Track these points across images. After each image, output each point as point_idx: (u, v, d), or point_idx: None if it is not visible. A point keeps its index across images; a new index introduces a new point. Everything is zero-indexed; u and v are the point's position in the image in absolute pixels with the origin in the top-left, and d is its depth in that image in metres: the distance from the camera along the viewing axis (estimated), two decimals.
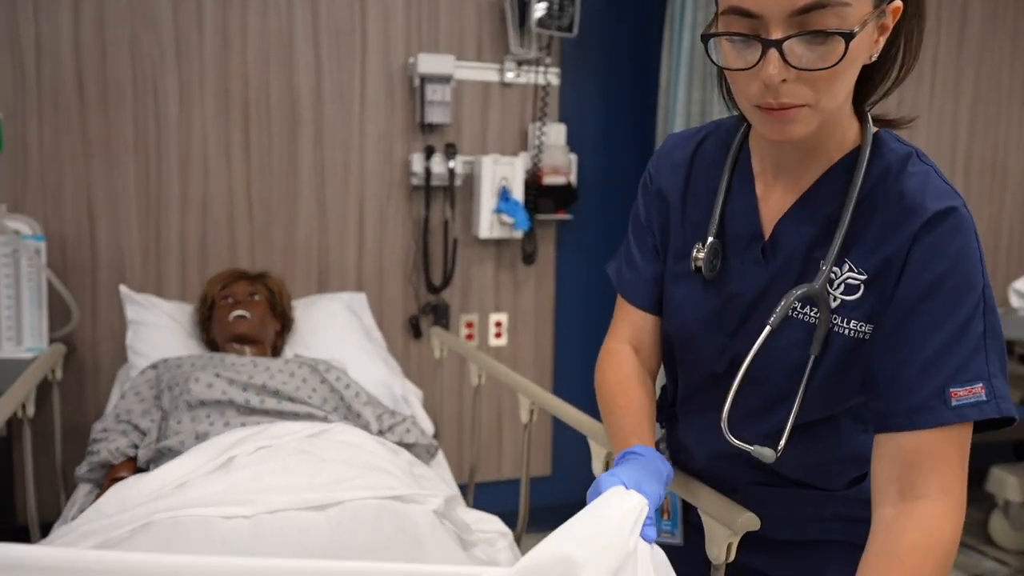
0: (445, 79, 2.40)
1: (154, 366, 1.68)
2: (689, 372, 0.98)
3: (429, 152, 2.44)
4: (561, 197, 2.56)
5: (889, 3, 0.75)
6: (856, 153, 0.84)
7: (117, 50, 2.18)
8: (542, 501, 2.25)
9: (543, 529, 1.35)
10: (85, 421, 2.16)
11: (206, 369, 1.55)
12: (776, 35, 0.71)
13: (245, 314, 1.79)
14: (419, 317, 2.53)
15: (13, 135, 2.13)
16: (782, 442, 0.84)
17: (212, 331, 1.87)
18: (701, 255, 0.90)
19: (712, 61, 0.79)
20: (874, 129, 0.85)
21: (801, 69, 0.72)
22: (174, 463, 1.23)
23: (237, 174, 2.33)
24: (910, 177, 0.80)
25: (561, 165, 2.55)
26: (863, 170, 0.81)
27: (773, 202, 0.89)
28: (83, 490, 1.52)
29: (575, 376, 2.74)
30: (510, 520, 1.48)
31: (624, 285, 1.02)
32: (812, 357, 0.83)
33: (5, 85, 2.11)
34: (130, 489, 1.18)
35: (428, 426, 1.90)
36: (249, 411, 1.48)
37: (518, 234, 2.53)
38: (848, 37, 0.71)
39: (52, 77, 2.14)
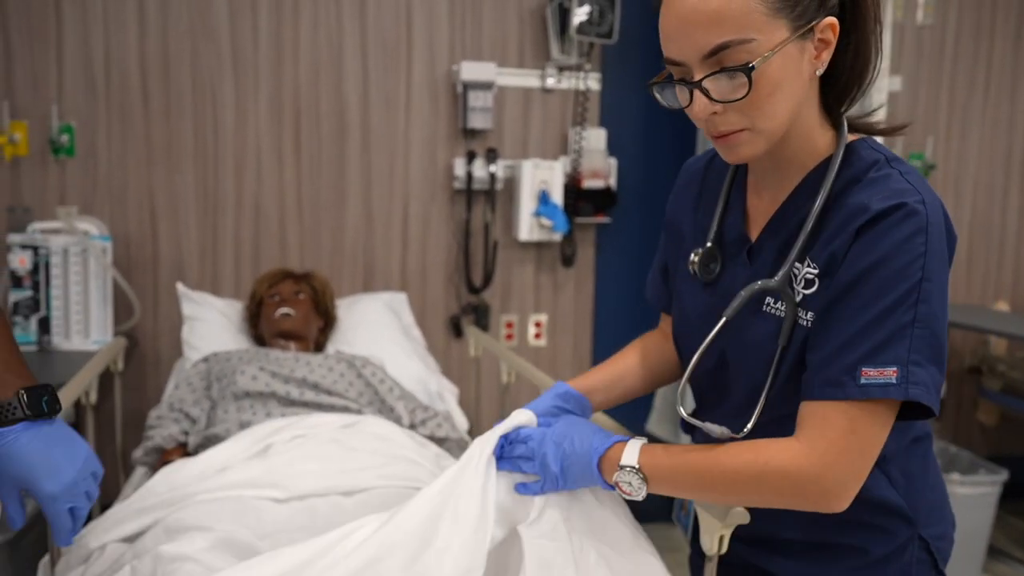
0: (487, 86, 2.47)
1: (205, 359, 1.80)
2: (693, 371, 1.03)
3: (471, 157, 2.52)
4: (600, 201, 2.61)
5: (815, 23, 0.81)
6: (829, 161, 0.89)
7: (179, 63, 2.32)
8: None
9: None
10: (146, 410, 2.31)
11: (251, 363, 1.66)
12: (697, 77, 0.82)
13: (290, 311, 1.90)
14: (460, 317, 2.61)
15: (84, 142, 2.29)
16: (747, 427, 0.90)
17: (260, 327, 1.98)
18: (696, 259, 0.98)
19: (660, 105, 0.89)
20: (851, 137, 0.90)
21: (722, 102, 0.81)
22: (217, 449, 1.33)
23: (288, 178, 2.45)
24: (869, 183, 0.85)
25: (600, 169, 2.60)
26: (830, 180, 0.87)
27: (760, 211, 0.96)
28: (139, 472, 1.64)
29: None
30: None
31: (648, 291, 1.18)
32: (779, 348, 0.89)
33: (77, 96, 2.27)
34: (177, 472, 1.28)
35: (462, 422, 1.97)
36: (289, 403, 1.58)
37: (557, 237, 2.59)
38: (747, 71, 0.78)
39: (120, 88, 2.30)
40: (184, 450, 1.59)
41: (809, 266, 0.88)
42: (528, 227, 2.54)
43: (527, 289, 2.69)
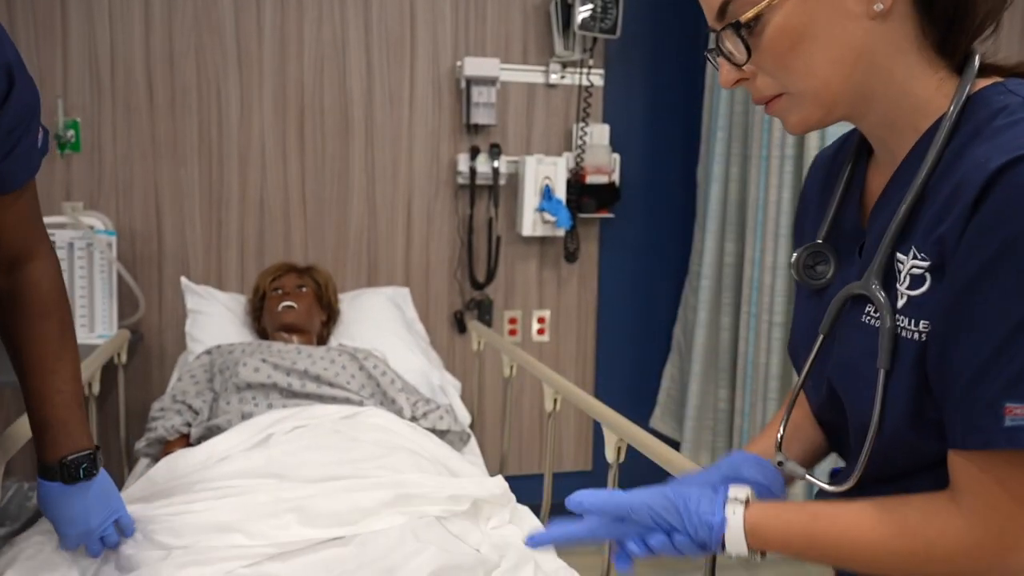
0: (491, 81, 2.47)
1: (208, 352, 1.81)
2: (809, 405, 0.85)
3: (475, 152, 2.52)
4: (604, 196, 2.61)
5: None
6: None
7: (184, 59, 2.33)
8: None
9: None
10: (150, 402, 2.31)
11: (254, 355, 1.67)
12: (713, 42, 0.70)
13: (293, 305, 1.91)
14: (463, 312, 2.61)
15: (89, 137, 2.30)
16: (849, 481, 0.71)
17: (263, 320, 1.99)
18: (796, 260, 0.79)
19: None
20: (984, 83, 0.68)
21: (739, 65, 0.69)
22: (218, 439, 1.34)
23: (292, 174, 2.46)
24: (992, 134, 0.63)
25: (604, 165, 2.60)
26: (940, 138, 0.66)
27: (874, 191, 0.76)
28: (142, 464, 1.65)
29: (616, 372, 2.77)
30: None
31: None
32: (881, 372, 0.67)
33: (83, 91, 2.28)
34: (179, 461, 1.29)
35: (464, 415, 1.98)
36: (291, 394, 1.58)
37: (560, 232, 2.59)
38: (736, 27, 0.66)
39: (125, 84, 2.31)
40: (186, 441, 1.60)
41: (916, 257, 0.66)
42: (531, 222, 2.55)
43: (530, 285, 2.69)
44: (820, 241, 0.78)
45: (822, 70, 0.67)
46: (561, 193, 2.54)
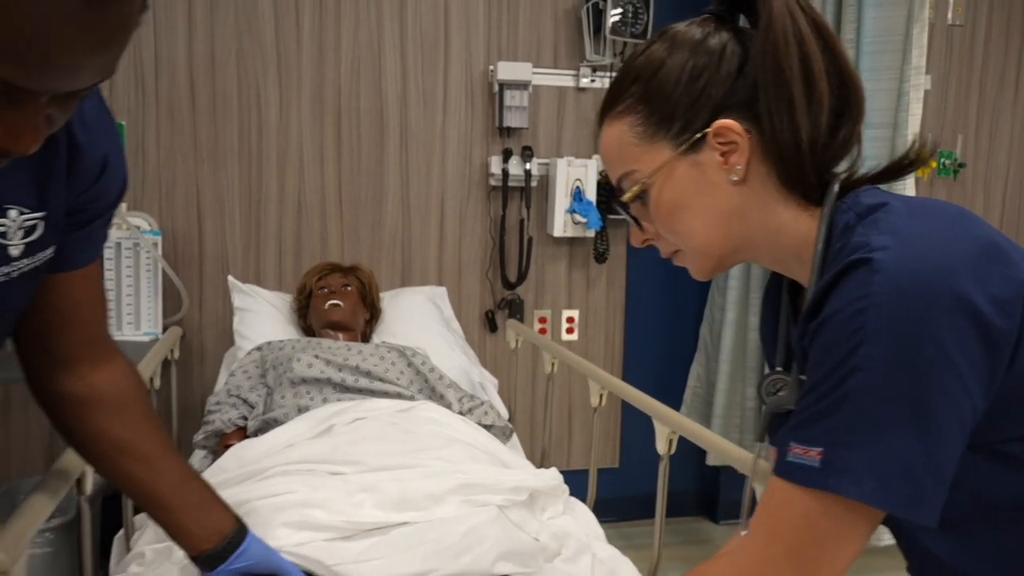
0: (523, 85, 2.52)
1: (259, 348, 1.86)
2: None
3: (507, 155, 2.57)
4: None
5: (698, 136, 0.74)
6: None
7: (225, 63, 2.39)
8: (610, 492, 2.35)
9: (609, 519, 1.43)
10: (193, 398, 2.39)
11: (306, 351, 1.72)
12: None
13: (339, 303, 1.96)
14: (495, 312, 2.66)
15: (134, 140, 2.36)
16: None
17: (309, 318, 2.05)
18: (757, 387, 0.87)
19: None
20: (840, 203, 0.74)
21: (640, 227, 0.82)
22: (281, 429, 1.40)
23: (329, 175, 2.52)
24: (834, 255, 0.71)
25: None
26: (814, 273, 0.73)
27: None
28: (198, 455, 1.71)
29: (644, 370, 2.82)
30: None
31: None
32: None
33: (128, 95, 2.34)
34: (245, 450, 1.35)
35: (503, 411, 2.03)
36: (344, 389, 1.64)
37: (590, 233, 2.63)
38: (621, 204, 0.80)
39: (168, 88, 2.37)
40: (243, 434, 1.65)
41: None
42: (562, 224, 2.59)
43: (560, 285, 2.73)
44: (779, 369, 0.84)
45: (702, 233, 0.77)
46: (591, 195, 2.58)
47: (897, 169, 0.79)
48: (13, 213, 0.73)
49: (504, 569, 1.08)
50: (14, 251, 0.74)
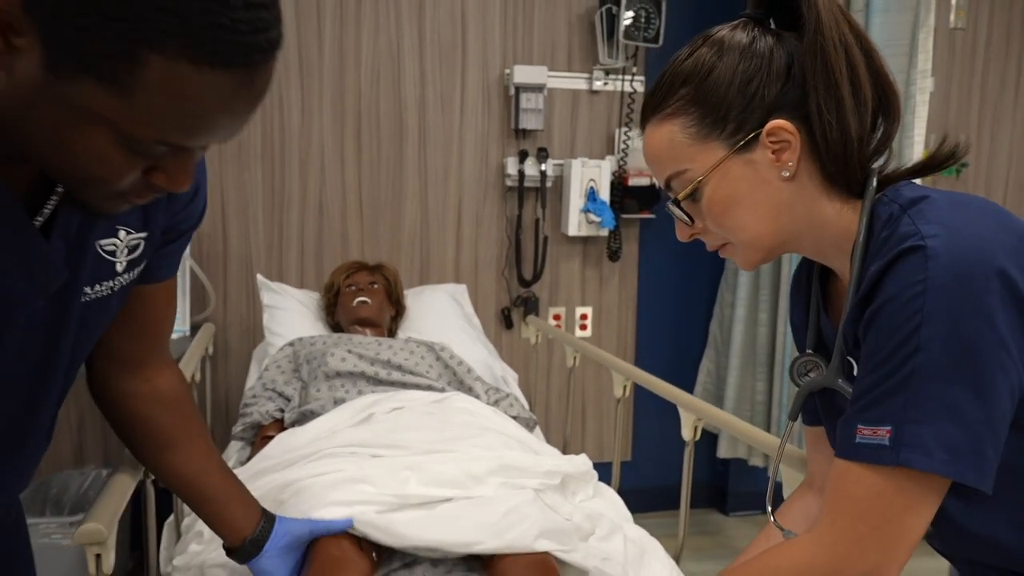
0: (538, 88, 2.59)
1: (291, 343, 1.93)
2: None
3: (522, 156, 2.64)
4: (646, 198, 2.72)
5: (758, 132, 0.79)
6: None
7: None
8: (624, 485, 2.41)
9: None
10: (218, 393, 2.46)
11: (339, 346, 1.79)
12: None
13: (367, 300, 2.03)
14: (511, 309, 2.73)
15: None
16: None
17: (337, 315, 2.12)
18: (790, 368, 0.93)
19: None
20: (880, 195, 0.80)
21: (688, 226, 0.86)
22: (323, 419, 1.46)
23: (350, 176, 2.58)
24: (880, 245, 0.77)
25: (646, 167, 2.71)
26: (857, 259, 0.79)
27: (839, 300, 0.91)
28: (235, 447, 1.77)
29: (655, 366, 2.85)
30: None
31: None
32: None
33: None
34: (290, 438, 1.42)
35: (525, 404, 2.09)
36: (377, 382, 1.70)
37: (604, 232, 2.70)
38: (676, 201, 0.84)
39: None
40: (280, 426, 1.72)
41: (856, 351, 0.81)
42: (576, 223, 2.66)
43: (574, 282, 2.80)
44: (810, 352, 0.91)
45: (753, 226, 0.82)
46: (605, 195, 2.65)
47: (932, 165, 0.84)
48: (122, 234, 0.81)
49: (544, 546, 1.14)
50: (119, 267, 0.82)
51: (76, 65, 0.56)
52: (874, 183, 0.81)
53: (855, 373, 0.80)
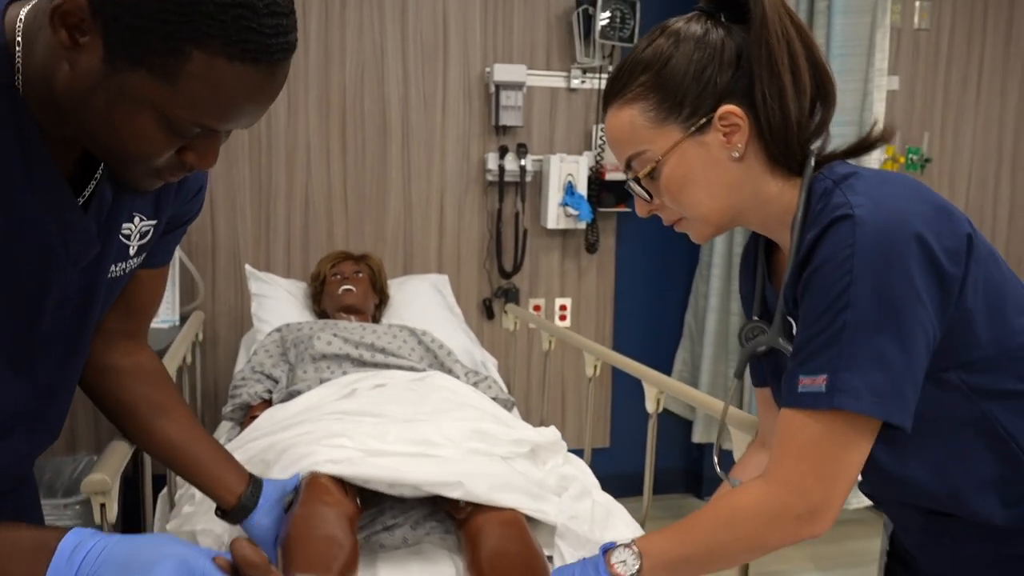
0: (518, 86, 2.69)
1: (278, 329, 2.01)
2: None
3: (503, 152, 2.73)
4: (622, 192, 2.82)
5: (711, 115, 0.86)
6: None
7: None
8: (601, 471, 2.50)
9: None
10: (208, 379, 2.53)
11: (325, 330, 1.87)
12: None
13: (352, 288, 2.12)
14: (492, 299, 2.82)
15: None
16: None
17: (323, 302, 2.20)
18: (739, 333, 1.02)
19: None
20: (818, 173, 0.88)
21: (647, 202, 0.93)
22: (307, 394, 1.55)
23: (335, 172, 2.67)
24: (815, 216, 0.85)
25: None
26: (796, 231, 0.87)
27: (782, 270, 0.97)
28: (225, 427, 1.85)
29: (631, 355, 2.94)
30: None
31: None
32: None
33: None
34: (276, 412, 1.50)
35: (504, 387, 2.18)
36: (361, 364, 1.79)
37: (582, 225, 2.80)
38: (637, 180, 0.91)
39: None
40: (268, 406, 1.79)
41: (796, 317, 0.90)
42: (555, 216, 2.76)
43: (553, 274, 2.90)
44: (756, 318, 1.00)
45: (706, 202, 0.90)
46: (583, 189, 2.75)
47: (862, 147, 0.93)
48: (136, 220, 0.89)
49: (513, 502, 1.22)
50: (131, 251, 0.91)
51: (131, 59, 0.67)
52: (812, 162, 0.89)
53: (794, 332, 0.88)
